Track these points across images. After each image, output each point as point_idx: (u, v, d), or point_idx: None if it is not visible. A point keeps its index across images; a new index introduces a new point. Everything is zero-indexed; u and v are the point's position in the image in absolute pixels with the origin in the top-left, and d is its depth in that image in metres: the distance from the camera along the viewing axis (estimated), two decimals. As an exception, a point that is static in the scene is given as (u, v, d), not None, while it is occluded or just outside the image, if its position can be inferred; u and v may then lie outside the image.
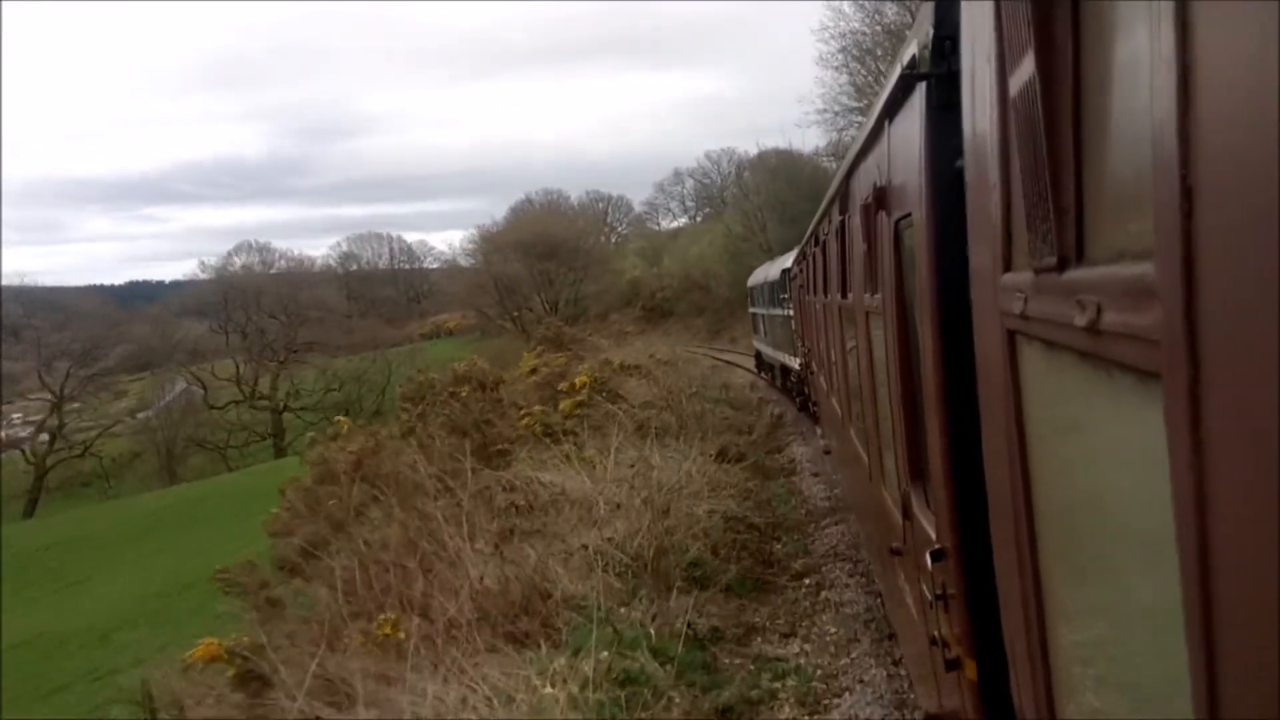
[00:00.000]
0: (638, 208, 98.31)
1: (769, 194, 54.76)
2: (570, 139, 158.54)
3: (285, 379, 79.40)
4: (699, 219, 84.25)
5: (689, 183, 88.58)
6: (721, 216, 65.96)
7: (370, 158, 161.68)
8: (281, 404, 77.21)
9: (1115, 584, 1.62)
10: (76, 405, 73.01)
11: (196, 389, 76.86)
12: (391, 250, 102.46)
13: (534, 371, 29.22)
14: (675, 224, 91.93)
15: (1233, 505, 0.93)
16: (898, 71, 3.34)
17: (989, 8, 1.99)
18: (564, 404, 21.01)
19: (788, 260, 20.86)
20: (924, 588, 3.52)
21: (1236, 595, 0.93)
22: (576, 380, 22.25)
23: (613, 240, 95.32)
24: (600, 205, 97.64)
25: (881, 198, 4.05)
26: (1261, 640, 0.86)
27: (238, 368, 79.24)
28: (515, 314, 76.72)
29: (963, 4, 2.50)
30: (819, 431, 14.96)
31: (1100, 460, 1.60)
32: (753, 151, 59.29)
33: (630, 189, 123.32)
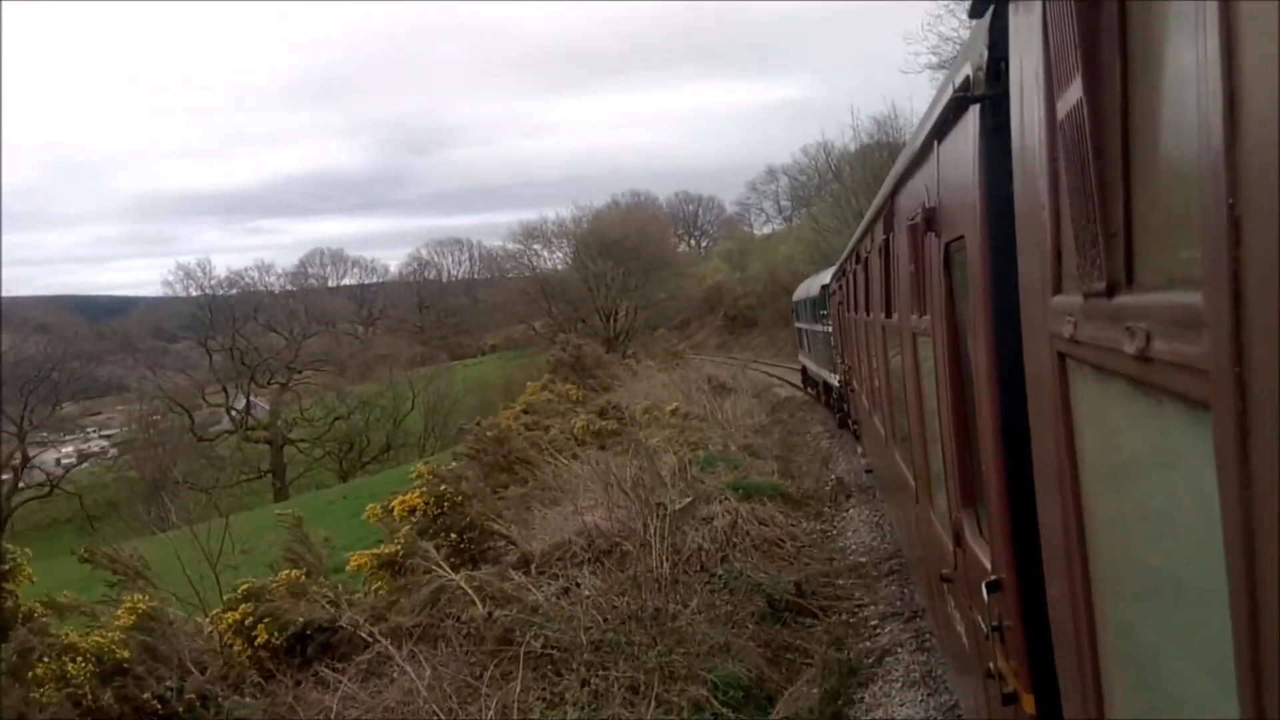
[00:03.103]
0: (729, 209, 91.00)
1: (863, 172, 43.37)
2: (663, 144, 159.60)
3: (293, 404, 66.45)
4: (794, 220, 72.25)
5: (783, 180, 78.64)
6: (810, 206, 56.03)
7: (468, 169, 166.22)
8: (281, 435, 63.63)
9: (1167, 616, 1.58)
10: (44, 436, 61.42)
11: (180, 417, 63.85)
12: (471, 257, 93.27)
13: (526, 412, 22.67)
14: (768, 228, 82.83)
15: None
16: (949, 93, 3.31)
17: (1036, 30, 1.98)
18: (355, 560, 10.16)
19: (827, 276, 20.54)
20: (978, 618, 3.44)
21: None
22: (395, 504, 11.36)
23: (703, 244, 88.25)
24: (690, 207, 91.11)
25: (931, 219, 3.99)
26: None
27: (226, 393, 66.38)
28: (562, 327, 63.24)
29: (1010, 24, 2.49)
30: (860, 450, 14.62)
31: (1151, 489, 1.57)
32: (852, 146, 48.01)
33: (724, 193, 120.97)
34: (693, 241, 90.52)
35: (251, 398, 66.41)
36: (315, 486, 55.97)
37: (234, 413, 65.86)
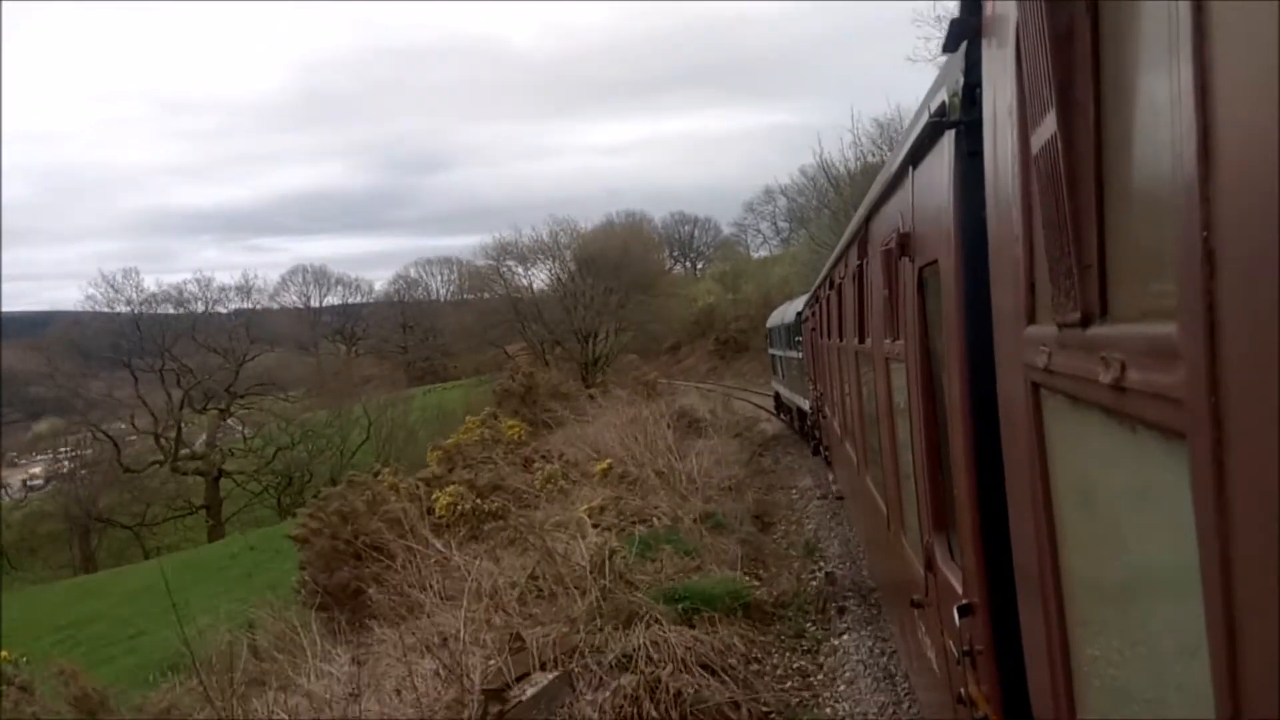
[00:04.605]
0: (726, 230, 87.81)
1: (865, 183, 36.02)
2: (659, 167, 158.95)
3: (229, 433, 61.76)
4: (791, 242, 66.71)
5: (781, 201, 72.50)
6: (807, 225, 51.53)
7: (467, 190, 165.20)
8: (217, 467, 58.53)
9: (1142, 643, 1.59)
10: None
11: (105, 446, 58.37)
12: (460, 276, 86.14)
13: (449, 456, 18.73)
14: (764, 250, 78.82)
15: (1258, 569, 0.92)
16: (924, 118, 3.35)
17: (1010, 61, 2.02)
18: None
19: (800, 303, 20.73)
20: (949, 643, 3.44)
21: (1264, 663, 0.92)
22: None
23: (698, 266, 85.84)
24: (685, 228, 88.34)
25: (905, 243, 4.02)
26: None
27: (155, 418, 60.26)
28: (538, 352, 59.08)
29: (984, 54, 2.53)
30: (830, 476, 14.39)
31: (1127, 518, 1.59)
32: (850, 154, 43.84)
33: (721, 215, 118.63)
34: (688, 263, 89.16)
35: (184, 425, 61.85)
36: (256, 524, 52.57)
37: (164, 441, 59.84)
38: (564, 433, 22.40)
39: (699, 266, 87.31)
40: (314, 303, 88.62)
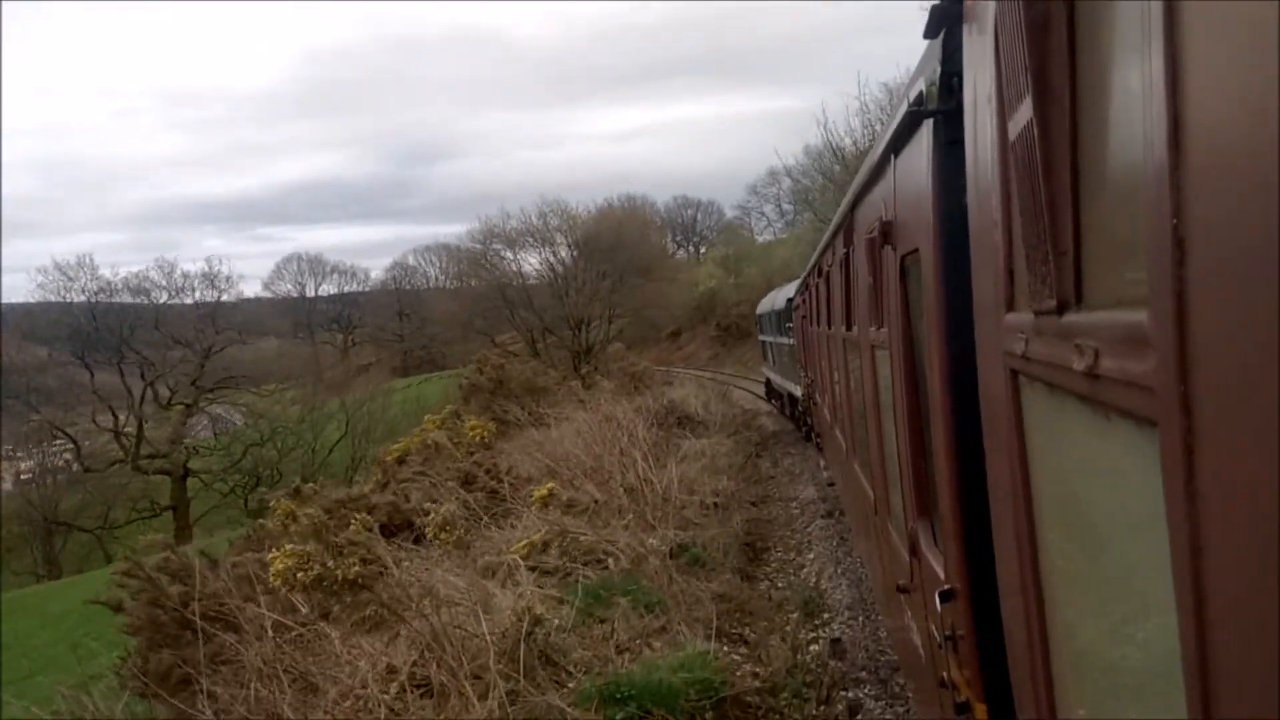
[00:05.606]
0: (729, 213, 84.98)
1: (865, 146, 35.62)
2: (665, 154, 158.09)
3: (199, 429, 58.90)
4: (796, 224, 62.67)
5: (785, 183, 67.04)
6: (811, 204, 48.25)
7: (472, 179, 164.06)
8: (182, 466, 54.89)
9: (1118, 627, 1.61)
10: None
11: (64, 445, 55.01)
12: (459, 263, 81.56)
13: (396, 463, 15.86)
14: (769, 234, 76.18)
15: (1226, 558, 0.93)
16: (904, 108, 3.36)
17: (989, 51, 2.02)
18: None
19: (791, 290, 20.92)
20: (932, 628, 3.47)
21: (1232, 647, 0.93)
22: None
23: (701, 250, 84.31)
24: (689, 211, 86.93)
25: (887, 232, 4.04)
26: (1256, 685, 0.86)
27: (115, 416, 56.42)
28: (529, 340, 56.65)
29: (964, 42, 2.53)
30: (822, 463, 14.58)
31: (1102, 503, 1.60)
32: (856, 122, 40.43)
33: (725, 199, 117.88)
34: (691, 248, 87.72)
35: (145, 421, 57.97)
36: (228, 525, 47.95)
37: (125, 439, 56.32)
38: (523, 438, 18.65)
39: (702, 251, 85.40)
40: (309, 292, 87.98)
